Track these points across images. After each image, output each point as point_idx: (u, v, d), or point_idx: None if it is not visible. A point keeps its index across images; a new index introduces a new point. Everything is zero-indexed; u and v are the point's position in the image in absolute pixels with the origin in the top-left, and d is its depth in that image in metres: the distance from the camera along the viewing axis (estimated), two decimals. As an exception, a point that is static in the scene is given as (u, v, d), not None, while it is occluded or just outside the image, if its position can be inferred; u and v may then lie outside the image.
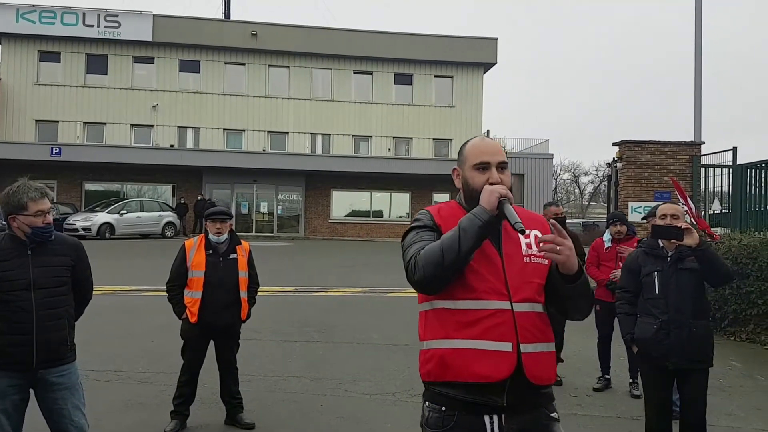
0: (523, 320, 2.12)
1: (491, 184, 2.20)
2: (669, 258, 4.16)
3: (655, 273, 4.15)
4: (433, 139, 32.14)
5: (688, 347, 4.00)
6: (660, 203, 4.70)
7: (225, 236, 5.00)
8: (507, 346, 2.09)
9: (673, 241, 4.09)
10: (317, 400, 5.81)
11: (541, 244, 2.15)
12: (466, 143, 2.37)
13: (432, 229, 2.25)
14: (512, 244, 2.21)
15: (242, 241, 5.18)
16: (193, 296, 4.88)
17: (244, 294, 5.02)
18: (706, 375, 4.16)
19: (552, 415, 2.20)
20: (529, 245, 2.23)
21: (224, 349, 5.07)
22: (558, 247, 2.11)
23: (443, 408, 2.15)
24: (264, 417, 5.27)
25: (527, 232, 2.19)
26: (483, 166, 2.25)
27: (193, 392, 5.03)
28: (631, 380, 6.18)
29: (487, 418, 2.11)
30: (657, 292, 4.12)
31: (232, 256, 4.99)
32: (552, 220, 2.25)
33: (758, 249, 8.34)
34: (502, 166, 2.26)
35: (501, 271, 2.16)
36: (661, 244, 4.22)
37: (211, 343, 5.09)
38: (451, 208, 2.33)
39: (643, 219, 4.78)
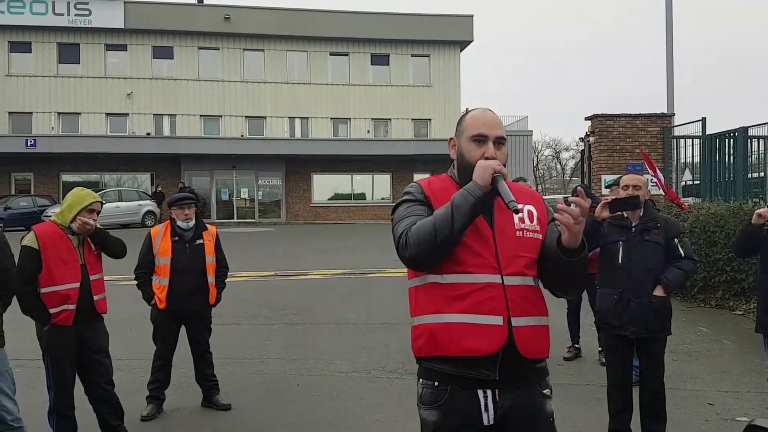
0: (514, 294, 2.08)
1: (486, 158, 2.14)
2: (633, 228, 4.26)
3: (620, 243, 4.23)
4: (412, 119, 32.12)
5: (646, 318, 4.10)
6: (621, 175, 4.80)
7: (192, 222, 5.03)
8: (497, 320, 2.05)
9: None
10: (293, 380, 5.90)
11: (560, 214, 2.02)
12: (466, 113, 2.32)
13: (422, 202, 2.20)
14: (504, 218, 2.15)
15: (208, 226, 5.21)
16: (160, 283, 4.93)
17: (211, 279, 5.05)
18: (664, 342, 4.28)
19: (544, 391, 2.18)
20: (522, 219, 2.17)
21: (195, 334, 5.13)
22: (574, 221, 2.02)
23: (436, 383, 2.13)
24: (240, 398, 5.35)
25: (521, 207, 2.14)
26: (480, 139, 2.19)
27: (168, 377, 5.10)
28: (600, 349, 6.33)
29: (480, 393, 2.09)
30: (620, 261, 4.22)
31: (198, 241, 5.02)
32: (580, 188, 2.18)
33: (725, 217, 8.52)
34: (499, 141, 2.20)
35: (492, 245, 2.11)
36: (625, 215, 4.31)
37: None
38: (442, 182, 2.28)
39: (606, 188, 4.87)
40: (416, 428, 4.59)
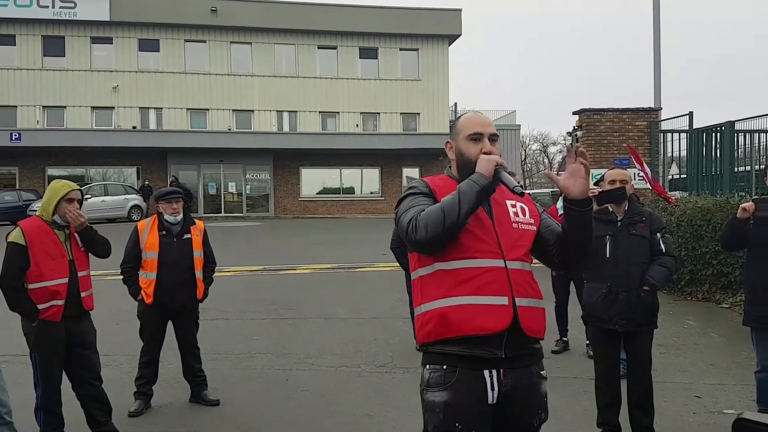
0: (516, 277, 2.26)
1: (485, 153, 2.34)
2: (619, 223, 4.28)
3: (607, 237, 4.25)
4: (401, 113, 32.05)
5: (634, 311, 4.13)
6: (607, 169, 4.82)
7: (180, 216, 4.99)
8: (503, 300, 2.21)
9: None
10: (283, 375, 5.89)
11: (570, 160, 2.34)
12: (459, 117, 2.54)
13: (428, 195, 2.37)
14: (501, 210, 2.37)
15: (196, 221, 5.17)
16: (147, 277, 4.88)
17: (199, 274, 5.01)
18: (651, 335, 4.31)
19: (541, 373, 2.35)
20: (516, 213, 2.38)
21: (183, 329, 5.09)
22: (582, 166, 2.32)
23: (444, 366, 2.24)
24: (229, 393, 5.33)
25: (519, 196, 2.37)
26: (476, 137, 2.39)
27: (155, 372, 5.06)
28: (587, 342, 6.35)
29: (486, 373, 2.22)
30: (607, 255, 4.24)
31: (186, 236, 4.98)
32: (567, 146, 2.40)
33: (712, 211, 8.57)
34: (493, 138, 2.41)
35: (493, 232, 2.30)
36: (611, 209, 4.33)
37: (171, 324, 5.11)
38: (443, 180, 2.47)
39: (594, 184, 4.89)
40: (405, 422, 4.63)
